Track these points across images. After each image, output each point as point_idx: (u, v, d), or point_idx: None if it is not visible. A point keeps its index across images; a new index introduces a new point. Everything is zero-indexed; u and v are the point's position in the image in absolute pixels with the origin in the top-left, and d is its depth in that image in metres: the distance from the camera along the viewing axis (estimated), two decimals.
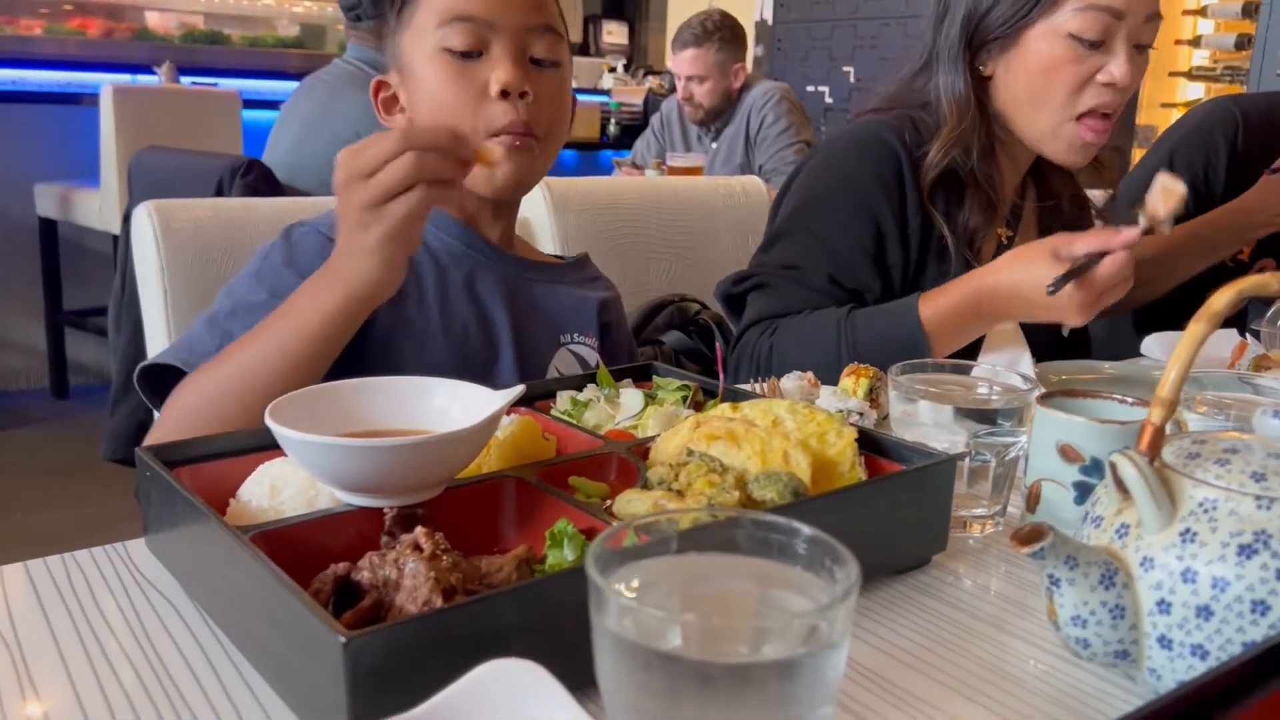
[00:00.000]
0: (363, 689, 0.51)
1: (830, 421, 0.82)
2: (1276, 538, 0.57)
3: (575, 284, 1.25)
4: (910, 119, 1.36)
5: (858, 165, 1.35)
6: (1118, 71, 1.24)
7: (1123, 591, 0.60)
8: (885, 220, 1.33)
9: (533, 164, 1.12)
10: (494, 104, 1.07)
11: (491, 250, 1.18)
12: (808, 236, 1.36)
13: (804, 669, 0.46)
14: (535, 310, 1.19)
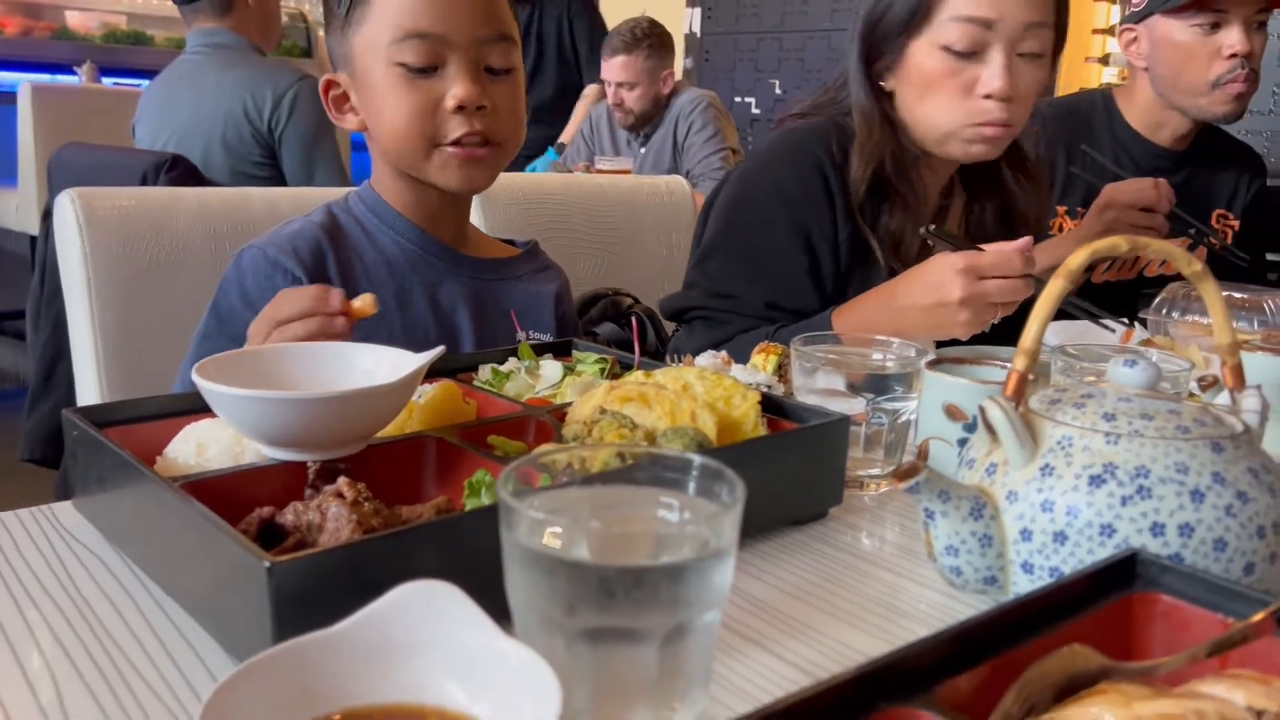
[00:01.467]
0: (286, 614, 0.55)
1: (736, 386, 0.88)
2: (1122, 469, 0.64)
3: (530, 277, 1.28)
4: (836, 124, 1.40)
5: (787, 174, 1.38)
6: (994, 82, 1.27)
7: (990, 522, 0.66)
8: (816, 234, 1.37)
9: (488, 172, 1.15)
10: (450, 117, 1.08)
11: (449, 253, 1.20)
12: (743, 260, 1.39)
13: (694, 574, 0.51)
14: (496, 311, 1.22)
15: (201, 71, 2.42)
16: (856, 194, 1.36)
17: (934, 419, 0.89)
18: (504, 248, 1.34)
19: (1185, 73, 1.88)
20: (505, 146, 1.14)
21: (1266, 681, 0.52)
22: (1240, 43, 1.83)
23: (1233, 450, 0.65)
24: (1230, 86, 1.87)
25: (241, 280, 1.11)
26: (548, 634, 0.52)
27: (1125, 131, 2.00)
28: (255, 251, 1.12)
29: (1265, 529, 0.63)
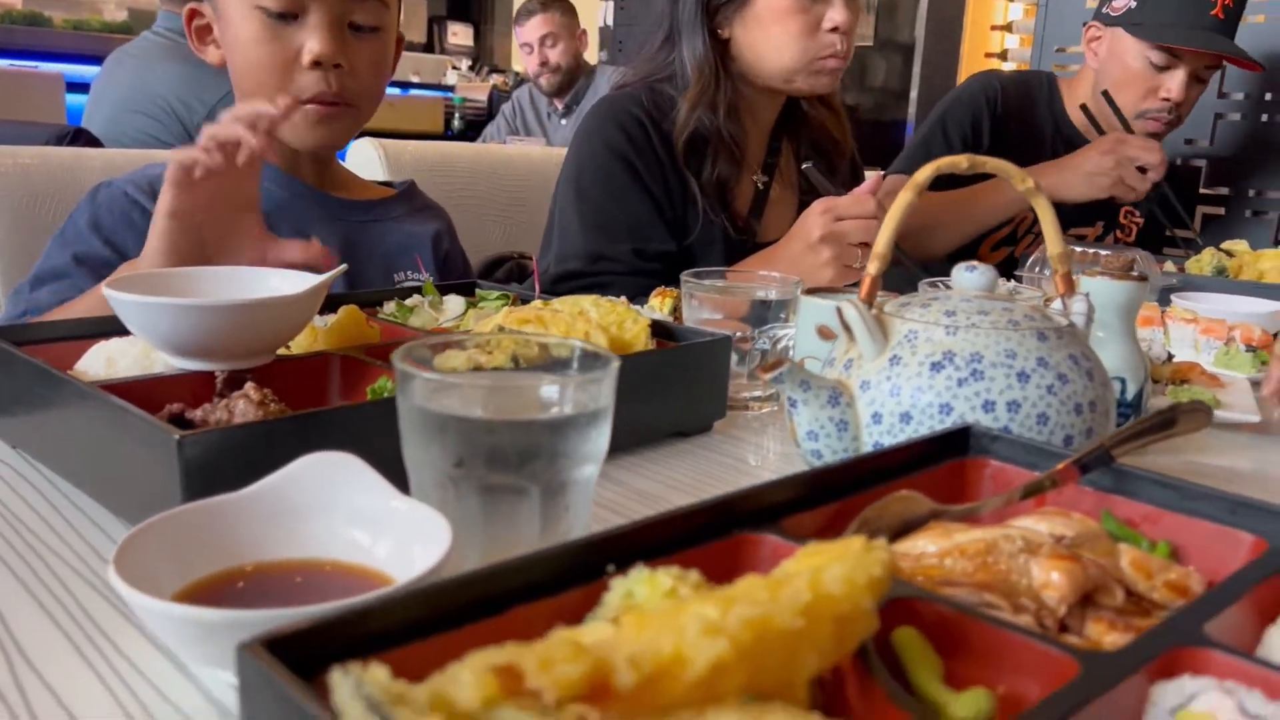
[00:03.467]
0: (195, 488, 0.59)
1: (629, 313, 0.94)
2: (959, 356, 0.71)
3: (406, 218, 1.31)
4: (650, 89, 1.51)
5: (611, 133, 1.49)
6: (838, 16, 1.42)
7: (846, 409, 0.74)
8: (649, 179, 1.47)
9: (343, 131, 1.17)
10: (306, 73, 1.09)
11: (315, 195, 1.22)
12: (598, 219, 1.48)
13: (573, 429, 0.56)
14: (369, 253, 1.25)
15: (151, 55, 2.39)
16: (678, 144, 1.47)
17: (809, 341, 0.96)
18: (378, 189, 1.34)
19: (1122, 92, 2.00)
20: (361, 108, 1.15)
21: (1067, 515, 0.60)
22: (1178, 91, 1.96)
23: (1056, 340, 0.73)
24: (1151, 124, 2.01)
25: (95, 212, 1.10)
26: (441, 491, 0.57)
27: (1063, 119, 2.13)
28: (114, 189, 1.12)
29: (1083, 406, 0.72)
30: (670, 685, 0.34)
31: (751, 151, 1.55)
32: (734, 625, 0.35)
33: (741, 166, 1.50)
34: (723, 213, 1.48)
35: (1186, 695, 0.42)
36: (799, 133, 1.62)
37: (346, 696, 0.32)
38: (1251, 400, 1.14)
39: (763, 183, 1.56)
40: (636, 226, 1.46)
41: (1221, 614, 0.48)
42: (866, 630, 0.41)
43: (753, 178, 1.56)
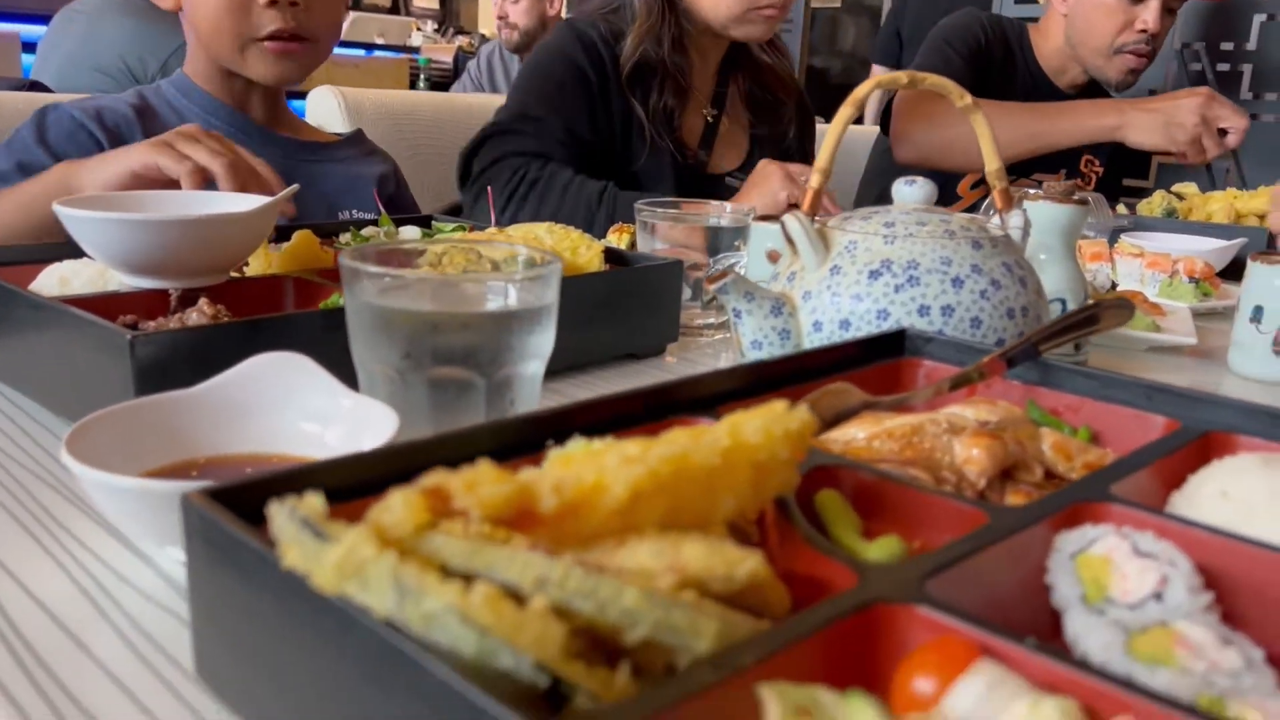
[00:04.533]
0: (147, 386, 0.60)
1: (583, 238, 0.95)
2: (897, 263, 0.74)
3: (351, 161, 1.33)
4: (603, 18, 1.53)
5: (572, 46, 1.51)
6: None
7: (789, 319, 0.76)
8: (596, 94, 1.49)
9: (302, 66, 1.18)
10: (263, 11, 1.11)
11: (261, 133, 1.23)
12: (537, 94, 1.50)
13: (518, 322, 0.58)
14: (311, 191, 1.26)
15: (102, 10, 2.35)
16: (625, 69, 1.49)
17: (759, 264, 0.98)
18: (325, 134, 1.37)
19: (1096, 31, 2.01)
20: (319, 44, 1.18)
21: (992, 403, 0.62)
22: (1154, 21, 1.97)
23: (990, 248, 0.76)
24: (1129, 58, 2.02)
25: (42, 128, 1.11)
26: (389, 386, 0.59)
27: (1035, 67, 2.14)
28: (61, 111, 1.13)
29: (1015, 311, 0.74)
30: (591, 513, 0.36)
31: (700, 85, 1.58)
32: (653, 460, 0.37)
33: (688, 98, 1.53)
34: (670, 140, 1.50)
35: (1087, 541, 0.44)
36: (745, 71, 1.64)
37: (282, 520, 0.34)
38: (1190, 326, 1.17)
39: (712, 115, 1.58)
40: (571, 116, 1.48)
41: (1127, 478, 0.50)
42: (785, 481, 0.43)
43: (702, 111, 1.58)
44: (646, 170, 1.49)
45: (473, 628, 0.30)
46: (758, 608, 0.38)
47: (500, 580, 0.33)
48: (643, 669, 0.33)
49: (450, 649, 0.30)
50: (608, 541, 0.37)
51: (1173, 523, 0.45)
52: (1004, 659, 0.34)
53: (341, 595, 0.32)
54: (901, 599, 0.37)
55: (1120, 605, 0.41)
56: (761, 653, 0.33)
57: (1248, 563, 0.43)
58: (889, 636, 0.36)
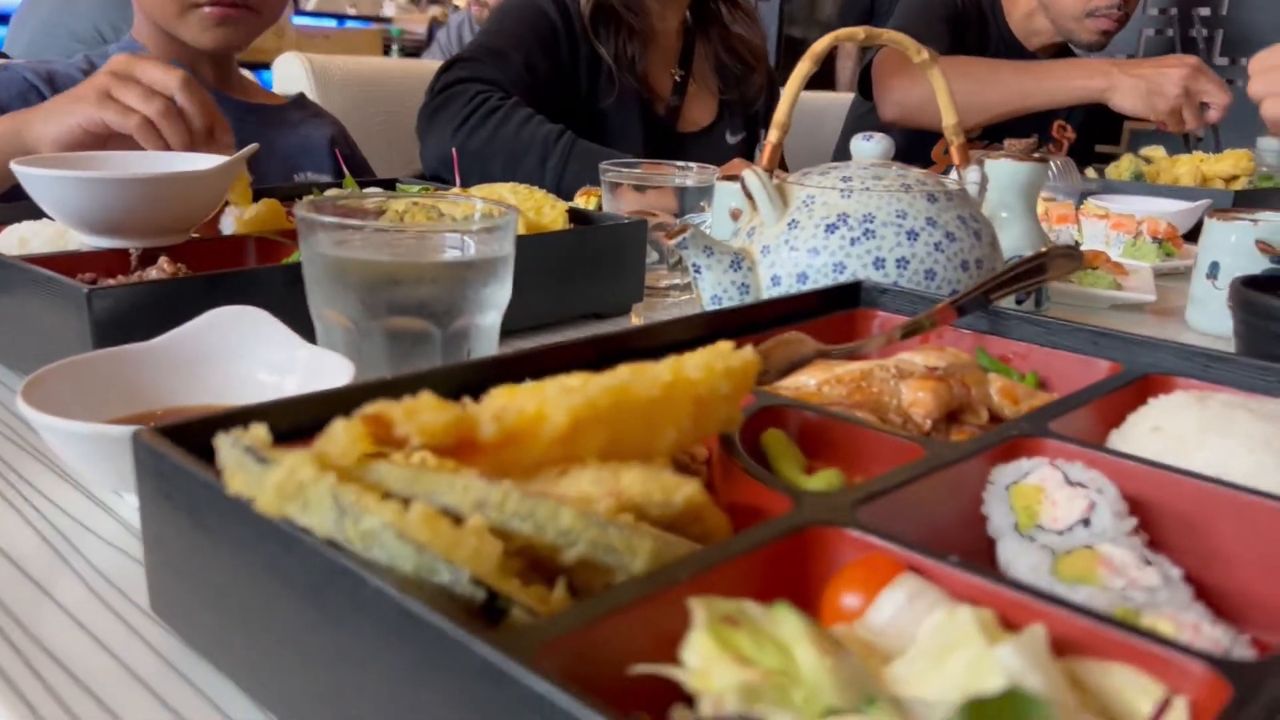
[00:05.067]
0: (105, 340, 0.60)
1: (547, 199, 0.96)
2: (853, 217, 0.75)
3: (301, 123, 1.33)
4: None
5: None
6: None
7: (748, 274, 0.77)
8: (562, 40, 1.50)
9: (242, 32, 1.18)
10: None
11: (214, 95, 1.22)
12: (505, 34, 1.51)
13: (475, 273, 0.59)
14: (267, 153, 1.26)
15: None
16: (585, 14, 1.50)
17: (724, 225, 0.99)
18: (273, 95, 1.38)
19: None
20: (262, 12, 1.18)
21: (941, 349, 0.64)
22: None
23: (945, 201, 0.77)
24: (1102, 20, 2.03)
25: None
26: (345, 337, 0.59)
27: (1005, 32, 2.15)
28: (12, 70, 1.13)
29: (969, 263, 0.76)
30: (533, 442, 0.37)
31: (664, 36, 1.58)
32: (594, 390, 0.38)
33: (651, 43, 1.53)
34: (636, 81, 1.51)
35: (1021, 473, 0.46)
36: (714, 35, 1.64)
37: (227, 450, 0.35)
38: (1151, 284, 1.19)
39: (680, 75, 1.59)
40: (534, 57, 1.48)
41: (1065, 416, 0.52)
42: (728, 417, 0.44)
43: (670, 69, 1.59)
44: (615, 123, 1.50)
45: (410, 544, 0.31)
46: (698, 535, 0.39)
47: (440, 504, 0.34)
48: (582, 590, 0.35)
49: (389, 566, 0.31)
50: (550, 471, 0.38)
51: (1103, 455, 0.46)
52: (928, 575, 0.35)
53: (284, 518, 0.33)
54: (833, 523, 0.38)
55: (1050, 531, 0.43)
56: (694, 569, 0.34)
57: (1172, 491, 0.44)
58: (821, 558, 0.38)
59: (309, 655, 0.33)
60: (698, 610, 0.31)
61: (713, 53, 1.64)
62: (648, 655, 0.31)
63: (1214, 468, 0.47)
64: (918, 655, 0.31)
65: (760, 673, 0.28)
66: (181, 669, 0.41)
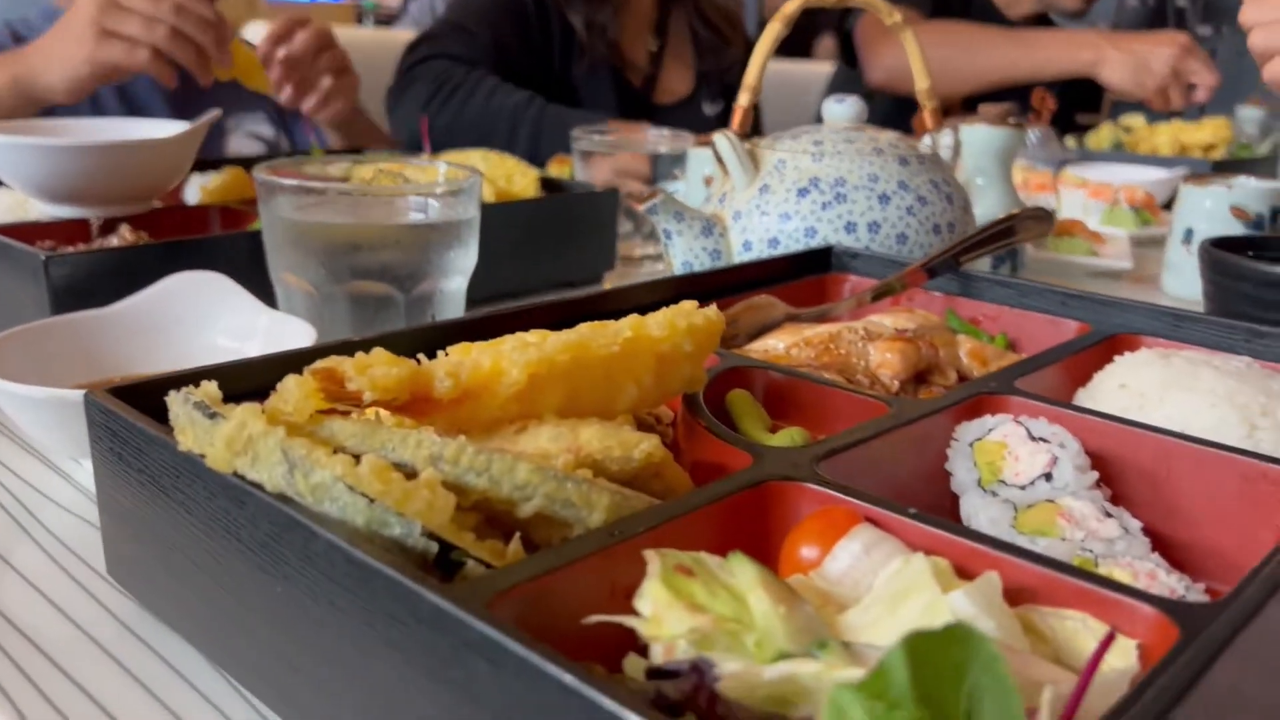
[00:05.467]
0: (63, 305, 0.60)
1: (518, 165, 0.95)
2: (824, 180, 0.74)
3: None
4: None
5: None
6: None
7: (719, 239, 0.76)
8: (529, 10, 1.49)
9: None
10: None
11: None
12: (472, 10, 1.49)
13: (438, 236, 0.58)
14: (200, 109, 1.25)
15: None
16: None
17: (698, 192, 0.98)
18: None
19: None
20: None
21: (911, 312, 0.64)
22: None
23: (917, 164, 0.76)
24: None
25: None
26: (307, 303, 0.59)
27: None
28: None
29: (941, 227, 0.75)
30: (490, 398, 0.37)
31: (640, 13, 1.57)
32: (551, 346, 0.38)
33: (624, 14, 1.52)
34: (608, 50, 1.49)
35: (985, 429, 0.46)
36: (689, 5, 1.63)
37: (177, 407, 0.34)
38: (1127, 251, 1.19)
39: (655, 45, 1.57)
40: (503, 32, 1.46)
41: (1032, 374, 0.52)
42: (691, 375, 0.44)
43: (644, 40, 1.57)
44: (589, 95, 1.48)
45: (361, 497, 0.31)
46: (659, 491, 0.39)
47: (394, 459, 0.33)
48: (540, 545, 0.34)
49: (341, 520, 0.31)
50: (508, 429, 0.38)
51: (1067, 411, 0.46)
52: (886, 527, 0.35)
53: (235, 474, 0.33)
54: (792, 477, 0.38)
55: (1012, 486, 0.43)
56: (652, 523, 0.34)
57: (1135, 446, 0.45)
58: (780, 512, 0.37)
59: (261, 613, 0.33)
60: (652, 560, 0.31)
61: (688, 23, 1.62)
62: (605, 607, 0.31)
63: (1176, 423, 0.47)
64: (872, 602, 0.31)
65: (712, 619, 0.28)
66: (139, 633, 0.40)
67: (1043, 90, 2.28)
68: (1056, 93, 2.26)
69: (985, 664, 0.23)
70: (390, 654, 0.28)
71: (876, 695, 0.22)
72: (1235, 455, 0.43)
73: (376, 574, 0.28)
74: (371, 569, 0.28)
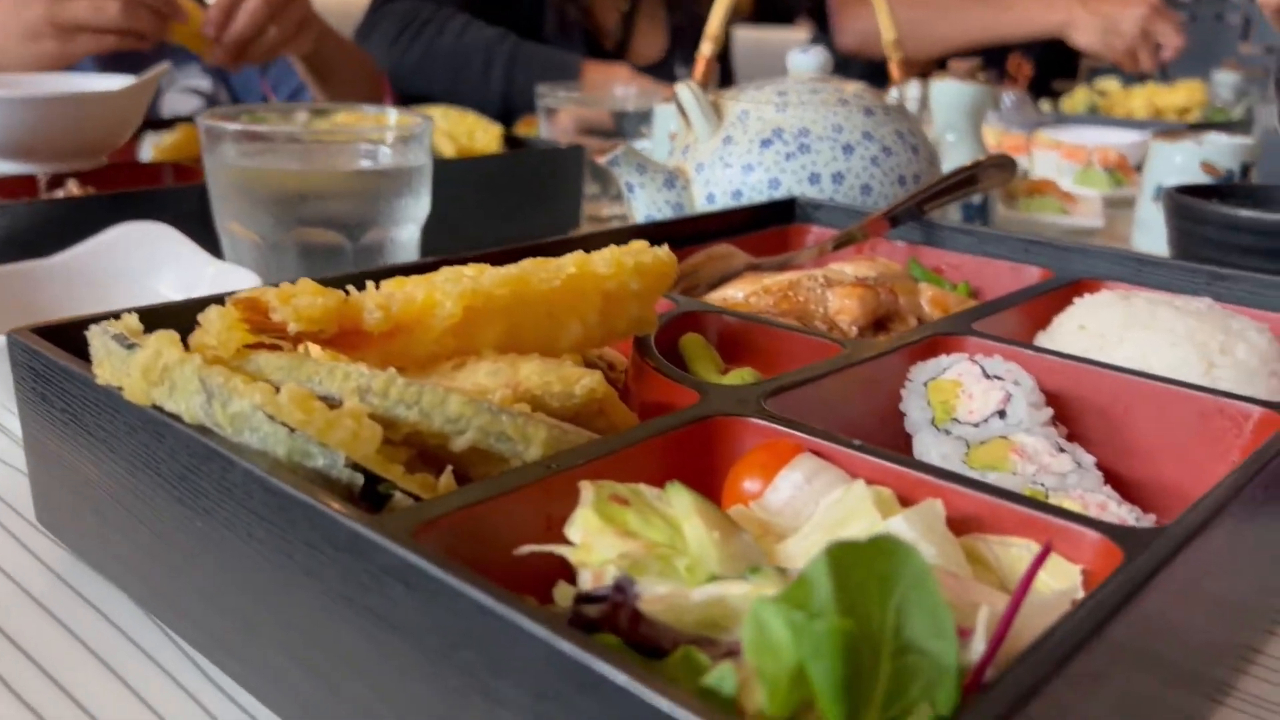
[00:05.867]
0: (4, 252, 0.58)
1: (480, 121, 0.93)
2: (788, 131, 0.73)
3: None
4: None
5: None
6: None
7: (682, 192, 0.75)
8: None
9: None
10: None
11: None
12: None
13: (388, 183, 0.57)
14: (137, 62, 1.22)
15: None
16: None
17: (665, 150, 0.97)
18: None
19: None
20: None
21: (873, 260, 0.63)
22: None
23: (883, 115, 0.75)
24: None
25: None
26: (255, 253, 0.57)
27: None
28: None
29: (906, 178, 0.74)
30: (424, 332, 0.35)
31: None
32: (489, 280, 0.36)
33: None
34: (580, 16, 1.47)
35: (940, 369, 0.45)
36: None
37: (97, 340, 0.33)
38: (1099, 210, 1.19)
39: (628, 6, 1.55)
40: None
41: (990, 317, 0.51)
42: (640, 316, 0.43)
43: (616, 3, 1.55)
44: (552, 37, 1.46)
45: (282, 427, 0.30)
46: (603, 429, 0.38)
47: (322, 393, 0.32)
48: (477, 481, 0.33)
49: (262, 451, 0.30)
50: (444, 365, 0.37)
51: (1023, 350, 0.46)
52: (831, 460, 0.34)
53: (154, 406, 0.31)
54: (738, 413, 0.37)
55: (965, 424, 0.42)
56: (590, 456, 0.33)
57: (1091, 385, 0.44)
58: (725, 449, 0.37)
59: (185, 551, 0.32)
60: (586, 489, 0.30)
61: None
62: (541, 541, 0.30)
63: (1136, 362, 0.46)
64: (811, 530, 0.30)
65: (643, 544, 0.27)
66: (71, 581, 0.39)
67: (1019, 56, 2.27)
68: (1033, 58, 2.25)
69: (913, 577, 0.22)
70: (310, 584, 0.27)
71: (798, 606, 0.21)
72: (1193, 392, 0.42)
73: (294, 502, 0.27)
74: (288, 497, 0.27)
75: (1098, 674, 0.24)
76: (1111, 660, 0.25)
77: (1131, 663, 0.26)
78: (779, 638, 0.21)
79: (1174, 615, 0.28)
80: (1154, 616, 0.27)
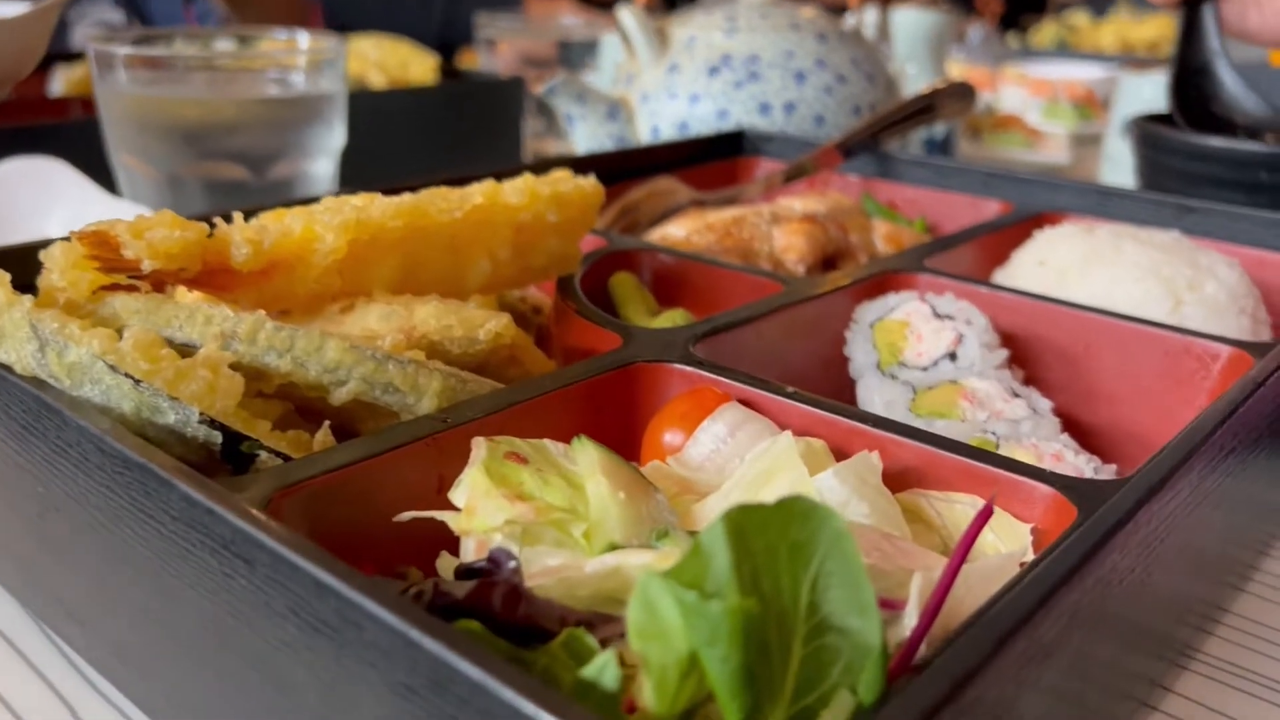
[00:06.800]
0: None
1: (414, 52, 0.88)
2: (736, 58, 0.69)
3: None
4: None
5: None
6: None
7: (625, 125, 0.71)
8: None
9: None
10: None
11: None
12: None
13: (299, 111, 0.52)
14: None
15: None
16: None
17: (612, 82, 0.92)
18: None
19: None
20: None
21: (824, 195, 0.59)
22: None
23: (837, 41, 0.71)
24: None
25: None
26: (153, 189, 0.53)
27: None
28: None
29: (861, 108, 0.70)
30: (305, 270, 0.32)
31: None
32: (378, 211, 0.32)
33: None
34: None
35: (887, 308, 0.41)
36: None
37: None
38: (1066, 147, 1.16)
39: None
40: None
41: (945, 252, 0.48)
42: (561, 253, 0.39)
43: None
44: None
45: (125, 378, 0.26)
46: (515, 378, 0.34)
47: (182, 340, 0.28)
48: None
49: (106, 407, 0.26)
50: (331, 308, 0.33)
51: (977, 287, 0.42)
52: (761, 409, 0.31)
53: None
54: (662, 359, 0.33)
55: (913, 368, 0.39)
56: (493, 407, 0.29)
57: (1051, 323, 0.41)
58: (649, 398, 0.33)
59: (30, 522, 0.28)
60: (478, 447, 0.26)
61: None
62: (431, 504, 0.26)
63: (1099, 299, 0.43)
64: (733, 488, 0.27)
65: (534, 508, 0.24)
66: None
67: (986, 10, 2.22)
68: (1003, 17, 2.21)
69: (831, 544, 0.19)
70: (146, 559, 0.24)
71: (691, 583, 0.17)
72: (1158, 330, 0.39)
73: (128, 463, 0.23)
74: (122, 458, 0.24)
75: (1048, 646, 0.21)
76: (1064, 630, 0.22)
77: (1087, 630, 0.24)
78: (668, 621, 0.17)
79: (1133, 577, 0.25)
80: (1111, 579, 0.24)
